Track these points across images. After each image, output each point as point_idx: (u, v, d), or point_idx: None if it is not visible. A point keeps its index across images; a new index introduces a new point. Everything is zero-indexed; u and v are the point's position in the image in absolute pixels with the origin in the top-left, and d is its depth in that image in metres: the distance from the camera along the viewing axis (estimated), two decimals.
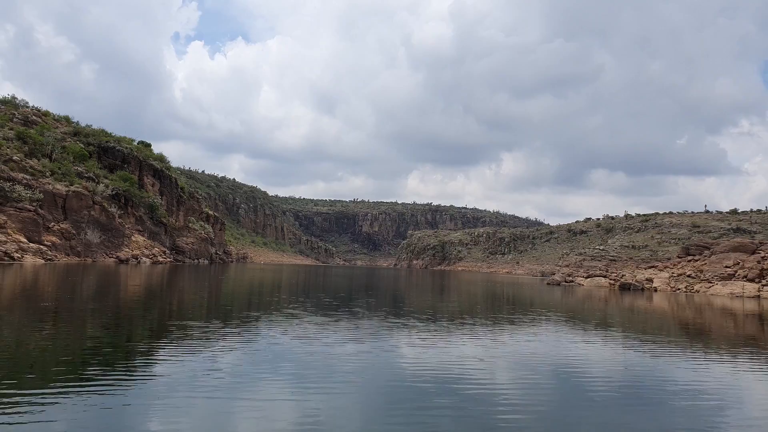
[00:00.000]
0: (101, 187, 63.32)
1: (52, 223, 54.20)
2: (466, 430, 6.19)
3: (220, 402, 6.79)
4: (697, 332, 18.09)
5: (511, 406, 7.32)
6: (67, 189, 57.71)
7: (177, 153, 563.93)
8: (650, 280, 44.71)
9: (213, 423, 6.10)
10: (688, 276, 44.78)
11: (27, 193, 51.44)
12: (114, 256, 59.97)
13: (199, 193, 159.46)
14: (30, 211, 50.32)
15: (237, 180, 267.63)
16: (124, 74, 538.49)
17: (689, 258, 51.59)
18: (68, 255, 53.96)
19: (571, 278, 50.84)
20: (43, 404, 6.24)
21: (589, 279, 48.68)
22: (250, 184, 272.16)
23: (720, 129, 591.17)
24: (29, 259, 43.10)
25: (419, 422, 6.38)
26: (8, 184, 50.25)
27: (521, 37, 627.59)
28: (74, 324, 12.64)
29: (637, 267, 73.64)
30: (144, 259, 63.38)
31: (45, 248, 48.42)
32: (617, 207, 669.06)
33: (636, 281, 43.79)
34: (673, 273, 46.37)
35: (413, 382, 8.43)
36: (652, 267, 53.15)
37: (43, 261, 45.04)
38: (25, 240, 46.24)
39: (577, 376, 9.69)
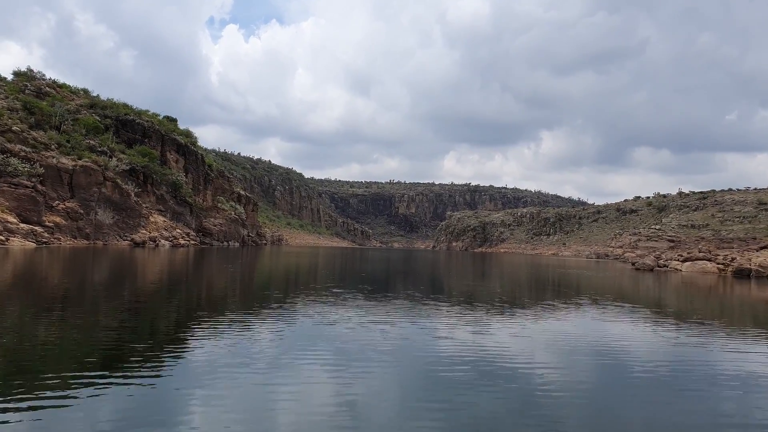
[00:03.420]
0: (113, 162, 56.86)
1: (57, 202, 48.06)
2: (504, 416, 5.81)
3: (258, 386, 6.52)
4: None
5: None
6: (74, 164, 51.41)
7: (215, 137, 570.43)
8: None
9: (252, 406, 5.82)
10: None
11: (25, 167, 45.23)
12: (128, 239, 53.74)
13: (233, 173, 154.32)
14: (27, 187, 44.13)
15: (273, 162, 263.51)
16: (161, 60, 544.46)
17: None
18: (75, 237, 47.84)
19: (664, 263, 41.42)
20: (83, 390, 5.99)
21: (688, 263, 39.22)
22: (285, 166, 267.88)
23: None
24: (17, 242, 36.66)
25: (456, 407, 6.03)
26: (2, 156, 44.05)
27: (561, 12, 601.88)
28: (94, 313, 11.35)
29: (718, 247, 63.07)
30: (163, 241, 56.99)
31: (42, 230, 42.10)
32: (662, 185, 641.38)
33: (760, 266, 34.19)
34: None
35: (451, 366, 7.97)
36: (765, 248, 43.11)
37: (35, 244, 38.65)
38: (15, 220, 39.88)
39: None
